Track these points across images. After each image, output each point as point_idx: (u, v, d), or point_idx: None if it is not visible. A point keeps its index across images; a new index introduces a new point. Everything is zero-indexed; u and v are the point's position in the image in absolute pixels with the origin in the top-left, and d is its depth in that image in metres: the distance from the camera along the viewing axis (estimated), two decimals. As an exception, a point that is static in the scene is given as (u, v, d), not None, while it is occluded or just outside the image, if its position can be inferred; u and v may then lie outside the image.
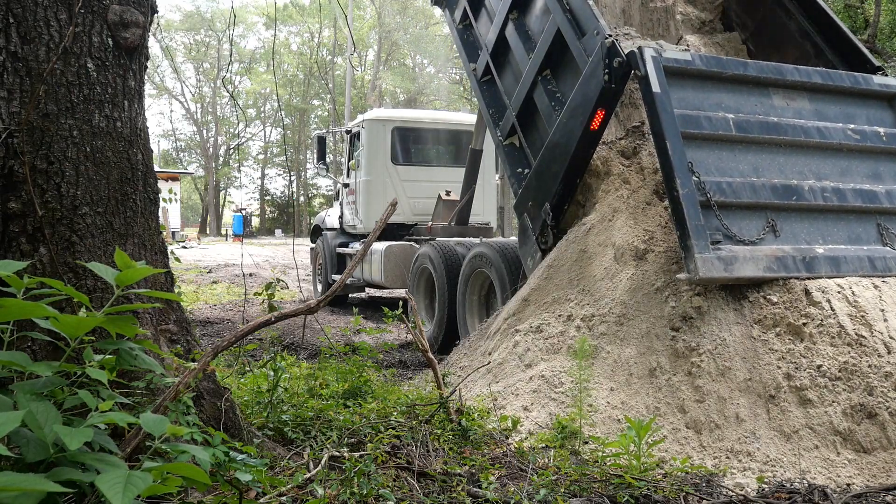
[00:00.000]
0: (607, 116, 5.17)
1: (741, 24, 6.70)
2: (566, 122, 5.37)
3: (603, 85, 4.93)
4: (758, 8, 6.50)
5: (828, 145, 5.00)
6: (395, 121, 10.85)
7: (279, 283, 4.85)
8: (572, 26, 5.38)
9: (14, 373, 1.94)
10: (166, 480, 1.78)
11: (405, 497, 2.80)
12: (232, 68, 48.80)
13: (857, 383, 3.86)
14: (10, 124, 2.45)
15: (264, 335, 5.76)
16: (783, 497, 3.21)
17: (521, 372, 4.42)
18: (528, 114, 6.11)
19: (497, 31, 6.55)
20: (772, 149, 4.86)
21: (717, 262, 4.18)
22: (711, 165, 4.58)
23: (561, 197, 5.52)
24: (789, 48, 6.21)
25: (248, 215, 46.86)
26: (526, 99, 6.07)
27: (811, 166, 4.89)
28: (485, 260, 6.99)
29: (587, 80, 5.13)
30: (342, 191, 11.97)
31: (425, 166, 10.80)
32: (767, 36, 6.49)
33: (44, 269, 2.44)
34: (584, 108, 5.14)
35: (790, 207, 4.66)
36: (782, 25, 6.30)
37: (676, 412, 3.88)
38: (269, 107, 53.23)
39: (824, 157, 4.97)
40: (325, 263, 11.82)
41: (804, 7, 6.10)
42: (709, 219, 4.33)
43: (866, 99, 5.36)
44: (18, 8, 2.49)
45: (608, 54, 4.86)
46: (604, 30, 4.99)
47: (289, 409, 3.61)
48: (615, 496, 3.01)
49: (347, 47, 38.98)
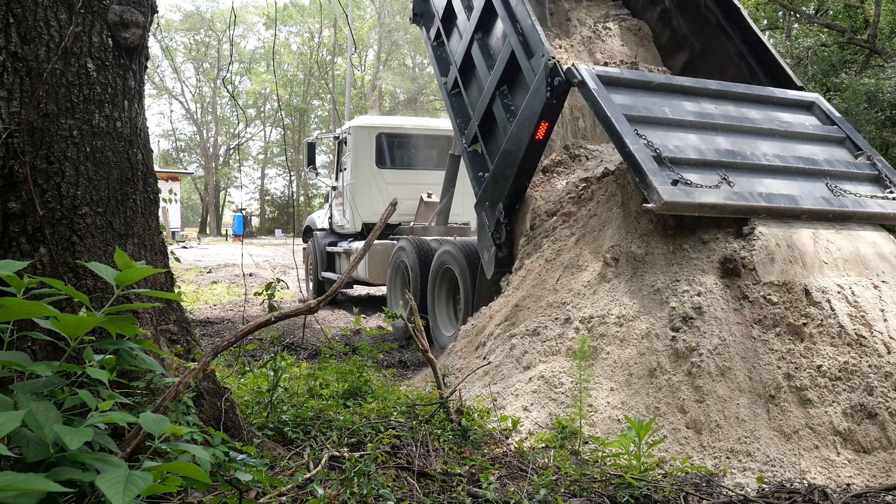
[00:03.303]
0: (550, 128, 5.77)
1: (689, 44, 7.54)
2: (516, 132, 5.99)
3: (545, 100, 5.54)
4: (704, 30, 7.30)
5: (760, 130, 5.55)
6: (380, 127, 11.51)
7: (279, 283, 4.85)
8: (523, 48, 6.02)
9: (14, 373, 1.94)
10: (166, 480, 1.78)
11: (405, 497, 2.80)
12: (232, 68, 48.80)
13: (857, 383, 3.86)
14: (10, 124, 2.45)
15: (264, 335, 5.76)
16: (783, 497, 3.21)
17: (520, 374, 4.42)
18: (488, 124, 6.72)
19: (464, 50, 7.18)
20: (709, 131, 5.37)
21: (679, 191, 4.57)
22: (658, 137, 5.03)
23: (512, 198, 6.14)
24: (729, 68, 6.96)
25: (248, 215, 46.85)
26: (486, 111, 6.68)
27: (749, 145, 5.38)
28: (450, 257, 7.60)
29: (533, 95, 5.76)
30: (331, 193, 12.74)
31: (408, 170, 11.39)
32: (711, 56, 7.26)
33: (44, 269, 2.44)
34: (531, 121, 5.74)
35: (739, 165, 5.08)
36: (723, 47, 7.07)
37: (676, 412, 3.88)
38: (269, 107, 53.22)
39: (760, 139, 5.50)
40: (315, 262, 12.41)
41: (742, 31, 6.88)
42: (664, 169, 4.73)
43: (787, 106, 6.03)
44: (18, 8, 2.49)
45: (550, 74, 5.47)
46: (548, 52, 5.59)
47: (289, 409, 3.61)
48: (615, 496, 3.01)
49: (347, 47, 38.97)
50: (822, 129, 5.89)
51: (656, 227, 4.84)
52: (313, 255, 12.56)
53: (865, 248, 4.75)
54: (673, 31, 7.73)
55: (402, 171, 11.35)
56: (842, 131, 5.86)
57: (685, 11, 7.56)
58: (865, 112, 16.56)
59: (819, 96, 6.31)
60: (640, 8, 8.16)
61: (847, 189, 5.21)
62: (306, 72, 49.93)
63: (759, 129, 5.54)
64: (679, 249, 4.67)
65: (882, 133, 17.18)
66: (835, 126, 5.92)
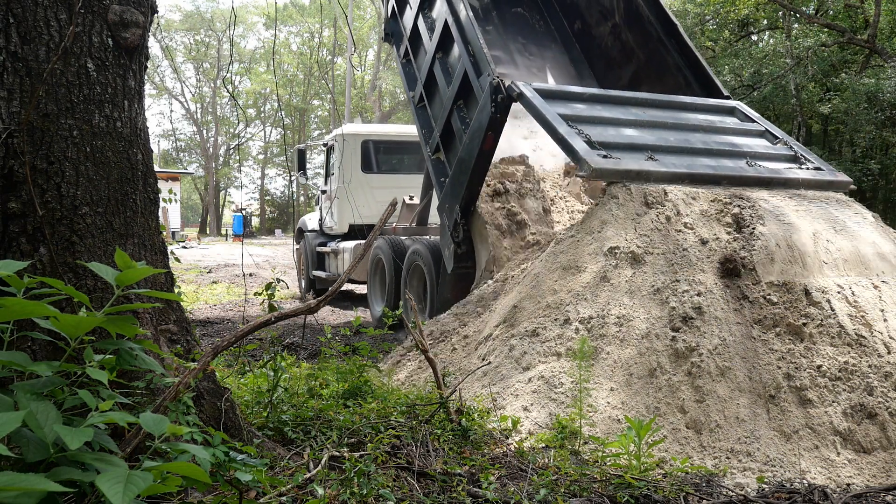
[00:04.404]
0: (495, 139, 6.44)
1: (636, 56, 8.36)
2: (468, 142, 6.72)
3: (491, 114, 6.23)
4: (648, 44, 8.11)
5: (685, 125, 6.29)
6: (365, 135, 12.28)
7: (279, 283, 4.85)
8: (474, 67, 6.73)
9: (14, 373, 1.94)
10: (166, 480, 1.78)
11: (405, 497, 2.79)
12: (232, 68, 48.77)
13: (857, 383, 3.86)
14: (10, 124, 2.45)
15: (264, 335, 5.76)
16: (783, 497, 3.21)
17: (519, 374, 4.42)
18: (447, 135, 7.43)
19: (428, 67, 7.90)
20: (639, 126, 6.08)
21: (606, 160, 5.24)
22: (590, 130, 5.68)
23: (467, 201, 6.86)
24: (668, 78, 7.76)
25: (248, 215, 46.83)
26: (446, 123, 7.39)
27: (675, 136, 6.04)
28: (419, 255, 8.46)
29: (481, 109, 6.46)
30: (321, 196, 13.64)
31: (392, 174, 12.18)
32: (654, 67, 8.07)
33: (44, 269, 2.44)
34: (479, 132, 6.45)
35: (664, 148, 5.72)
36: (664, 59, 7.88)
37: (676, 412, 3.88)
38: (269, 107, 53.19)
39: (686, 132, 6.17)
40: (307, 261, 13.23)
41: (679, 45, 7.69)
42: (594, 148, 5.40)
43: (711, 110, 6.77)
44: (18, 8, 2.49)
45: (494, 91, 6.19)
46: (493, 71, 6.31)
47: (289, 409, 3.61)
48: (615, 496, 3.01)
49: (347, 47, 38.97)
50: (742, 125, 6.59)
51: (655, 229, 4.83)
52: (305, 255, 13.29)
53: (865, 248, 4.76)
54: (622, 44, 8.57)
55: (386, 175, 12.09)
56: (761, 126, 6.57)
57: (632, 26, 8.36)
58: (865, 112, 16.55)
59: (740, 103, 7.04)
60: (594, 23, 9.04)
61: (766, 166, 5.76)
62: (306, 72, 49.92)
63: (685, 124, 6.28)
64: (679, 249, 4.68)
65: (882, 133, 17.18)
66: (754, 122, 6.63)
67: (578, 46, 9.33)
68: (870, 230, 5.00)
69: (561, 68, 9.18)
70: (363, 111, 43.11)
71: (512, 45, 9.21)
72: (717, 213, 4.93)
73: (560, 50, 9.40)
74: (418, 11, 8.23)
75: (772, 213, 4.85)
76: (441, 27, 7.51)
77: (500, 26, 9.38)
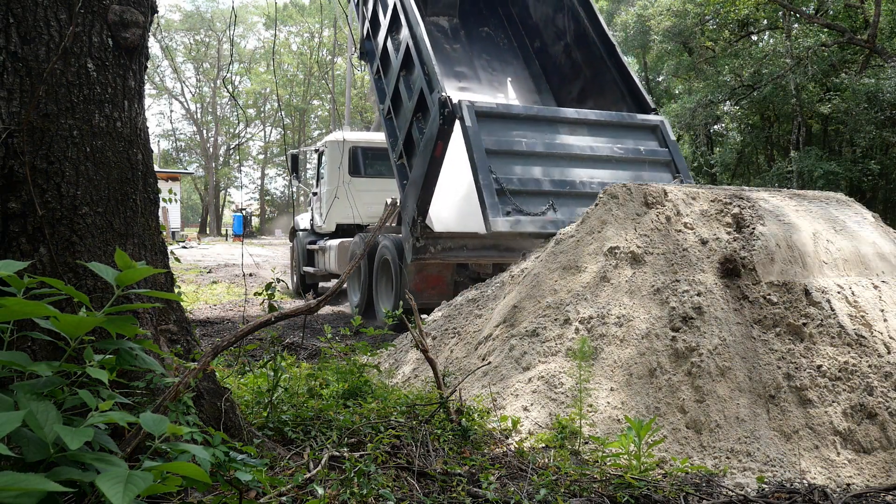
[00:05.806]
0: (444, 147, 7.39)
1: (584, 73, 9.53)
2: (423, 150, 7.76)
3: (439, 125, 7.27)
4: (593, 62, 9.33)
5: (598, 157, 7.51)
6: (353, 142, 13.08)
7: (279, 283, 4.84)
8: (427, 84, 7.74)
9: (14, 373, 1.94)
10: (166, 480, 1.78)
11: (405, 497, 2.79)
12: (232, 68, 48.77)
13: (857, 383, 3.86)
14: (10, 124, 2.44)
15: (264, 335, 5.75)
16: (783, 497, 3.21)
17: (519, 374, 4.41)
18: (409, 143, 8.40)
19: (394, 84, 8.88)
20: (556, 160, 7.35)
21: (506, 222, 6.51)
22: (508, 170, 7.00)
23: (423, 201, 7.77)
24: (608, 93, 8.96)
25: (248, 215, 46.81)
26: (407, 133, 8.37)
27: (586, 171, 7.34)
28: (387, 249, 9.37)
29: (432, 121, 7.49)
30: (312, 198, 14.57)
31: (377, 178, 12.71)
32: (598, 83, 9.24)
33: (44, 269, 2.44)
34: (431, 141, 7.47)
35: (566, 193, 7.03)
36: (605, 76, 9.05)
37: (676, 412, 3.88)
38: (269, 107, 53.19)
39: (596, 165, 7.42)
40: (297, 258, 14.26)
41: (616, 64, 8.95)
42: (504, 201, 6.66)
43: (635, 129, 7.91)
44: (18, 8, 2.49)
45: (442, 105, 7.27)
46: (442, 88, 7.40)
47: (289, 409, 3.61)
48: (615, 496, 3.01)
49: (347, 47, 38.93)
50: (653, 153, 7.78)
51: (655, 229, 4.83)
52: (296, 253, 14.43)
53: (865, 248, 4.76)
54: (573, 61, 9.75)
55: (372, 179, 12.70)
56: (669, 155, 7.75)
57: (580, 46, 9.55)
58: (865, 112, 16.56)
59: (664, 119, 8.16)
60: (550, 42, 10.24)
61: None
62: (306, 72, 49.92)
63: (597, 156, 7.46)
64: (679, 249, 4.68)
65: (882, 133, 17.18)
66: (666, 149, 7.81)
67: (538, 63, 10.55)
68: (870, 230, 5.00)
69: (521, 82, 10.44)
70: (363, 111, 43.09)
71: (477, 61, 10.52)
72: (717, 213, 4.92)
73: (521, 66, 10.64)
74: (387, 34, 9.23)
75: (772, 213, 4.85)
76: (404, 48, 8.49)
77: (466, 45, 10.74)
